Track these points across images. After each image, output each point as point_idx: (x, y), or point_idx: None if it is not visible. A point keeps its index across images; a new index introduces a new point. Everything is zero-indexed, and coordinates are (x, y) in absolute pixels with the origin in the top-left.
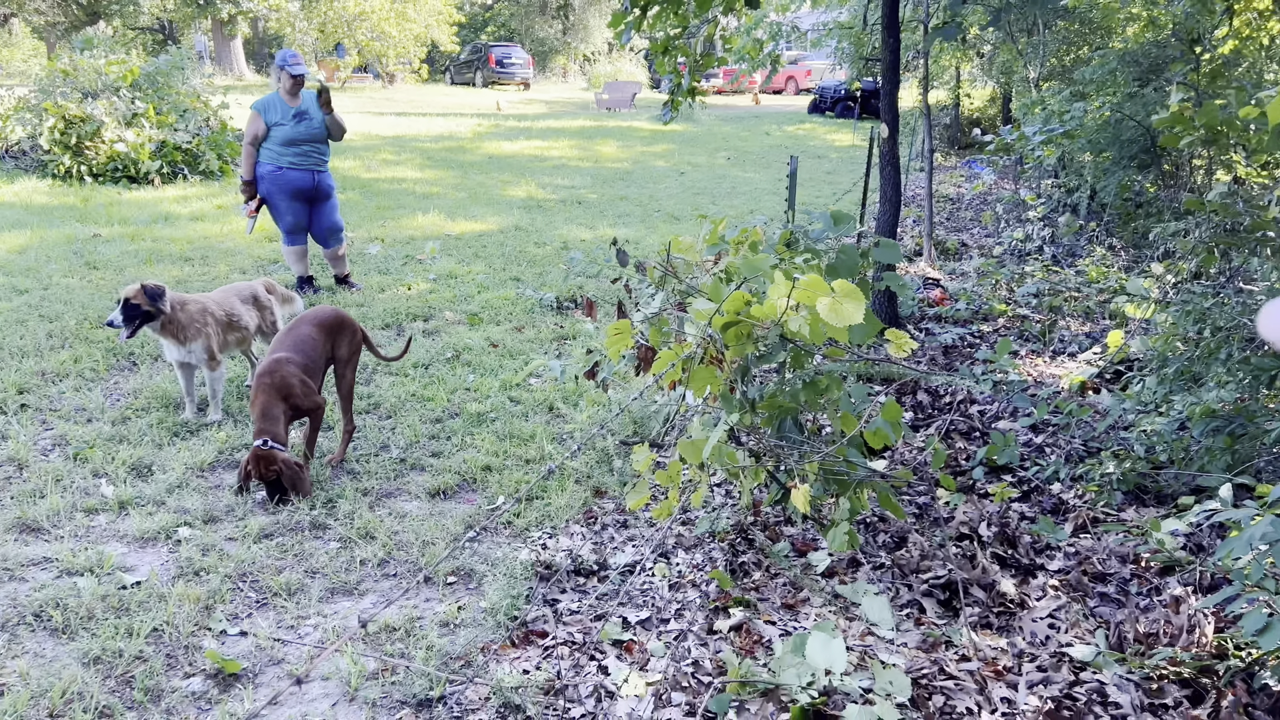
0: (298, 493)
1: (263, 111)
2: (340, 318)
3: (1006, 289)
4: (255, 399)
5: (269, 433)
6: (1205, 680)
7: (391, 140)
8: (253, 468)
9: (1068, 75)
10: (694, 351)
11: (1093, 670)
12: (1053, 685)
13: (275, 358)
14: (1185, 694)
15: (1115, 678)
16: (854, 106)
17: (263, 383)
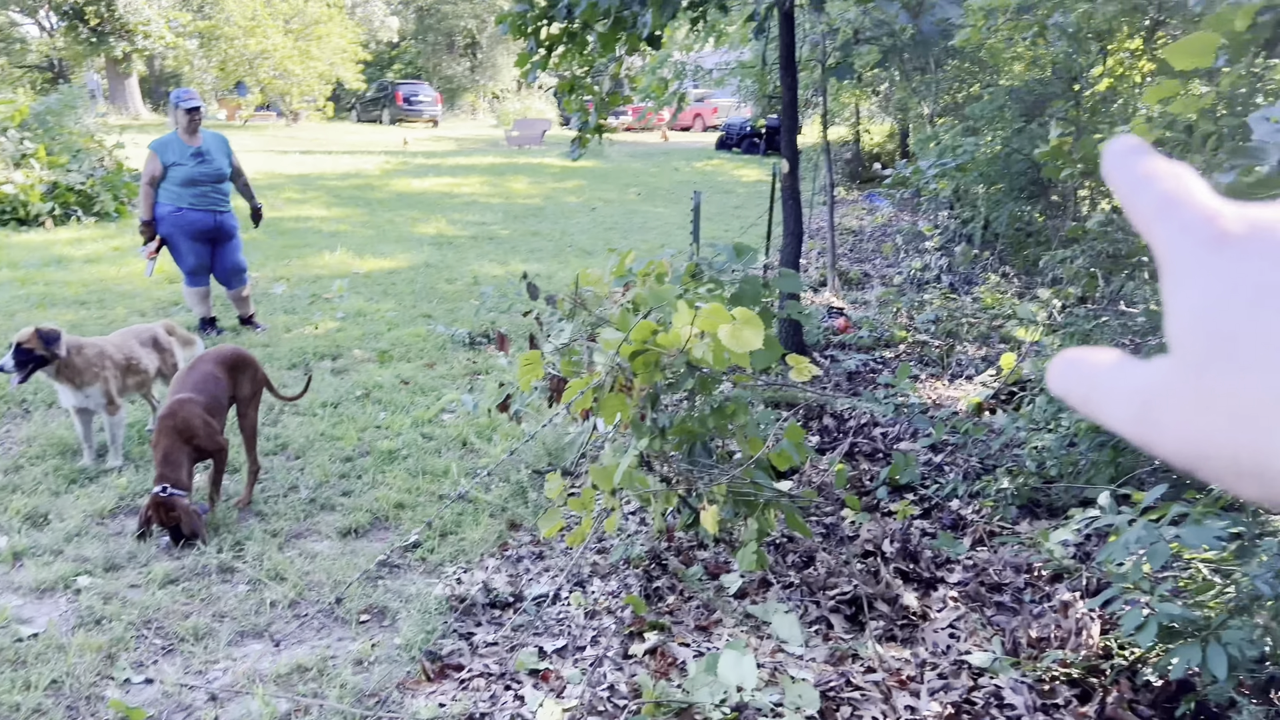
0: (198, 539)
1: (160, 151)
2: (241, 356)
3: (907, 316)
4: (157, 442)
5: (169, 479)
6: (1093, 679)
7: (296, 179)
8: (152, 514)
9: (960, 111)
10: (603, 380)
11: (990, 675)
12: (953, 691)
13: (177, 399)
14: (1075, 693)
15: (1010, 681)
16: (760, 143)
17: (165, 425)
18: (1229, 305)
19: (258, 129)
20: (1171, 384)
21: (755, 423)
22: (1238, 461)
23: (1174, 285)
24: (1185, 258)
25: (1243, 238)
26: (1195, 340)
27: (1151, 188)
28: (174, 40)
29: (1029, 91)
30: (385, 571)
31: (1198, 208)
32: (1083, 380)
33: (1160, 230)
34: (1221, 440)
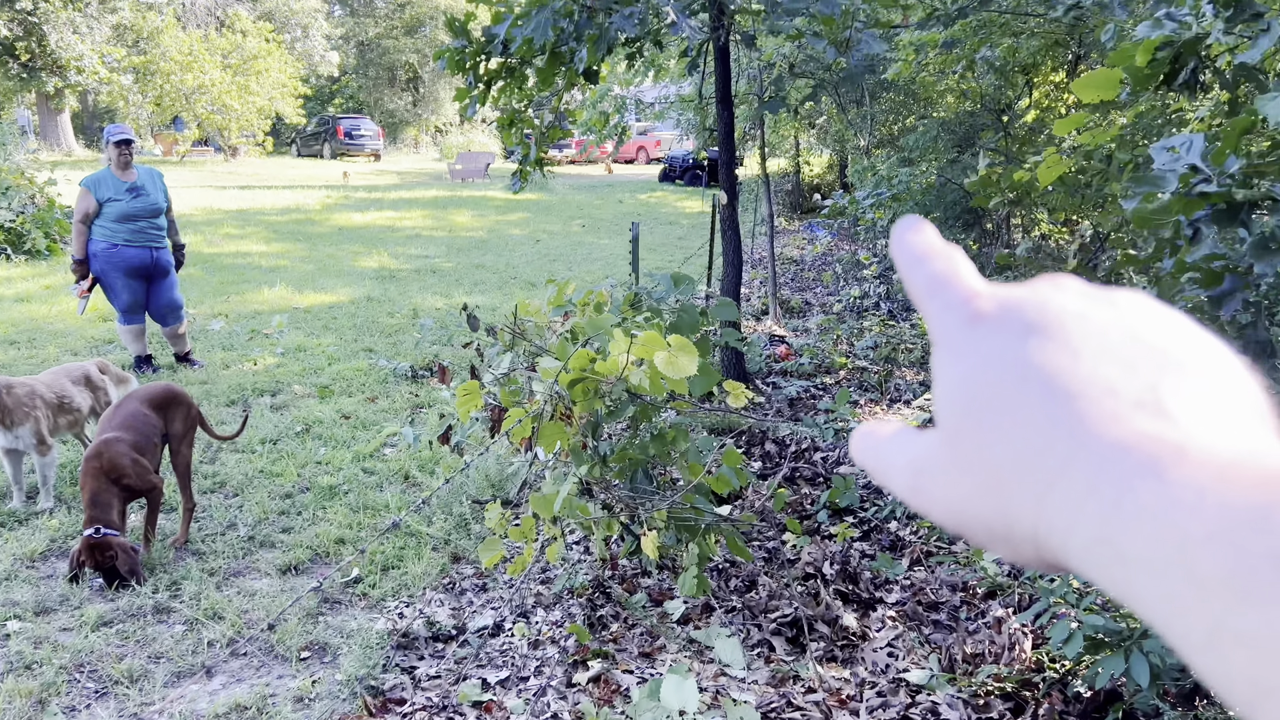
0: (134, 578)
1: (93, 188)
2: (172, 392)
3: (846, 343)
4: (85, 484)
5: (100, 520)
6: (1026, 693)
7: (235, 214)
8: (85, 558)
9: (895, 143)
10: (543, 409)
11: (927, 692)
12: (891, 709)
13: (103, 439)
14: (1008, 706)
15: (947, 697)
16: (702, 175)
17: (90, 466)
18: (978, 379)
19: (195, 164)
20: (935, 454)
21: (696, 449)
22: (989, 526)
23: (938, 360)
24: (948, 334)
25: (993, 316)
26: (952, 412)
27: (924, 268)
28: (108, 76)
29: (960, 123)
30: (326, 607)
31: (960, 288)
32: (871, 452)
33: (930, 307)
34: (975, 506)
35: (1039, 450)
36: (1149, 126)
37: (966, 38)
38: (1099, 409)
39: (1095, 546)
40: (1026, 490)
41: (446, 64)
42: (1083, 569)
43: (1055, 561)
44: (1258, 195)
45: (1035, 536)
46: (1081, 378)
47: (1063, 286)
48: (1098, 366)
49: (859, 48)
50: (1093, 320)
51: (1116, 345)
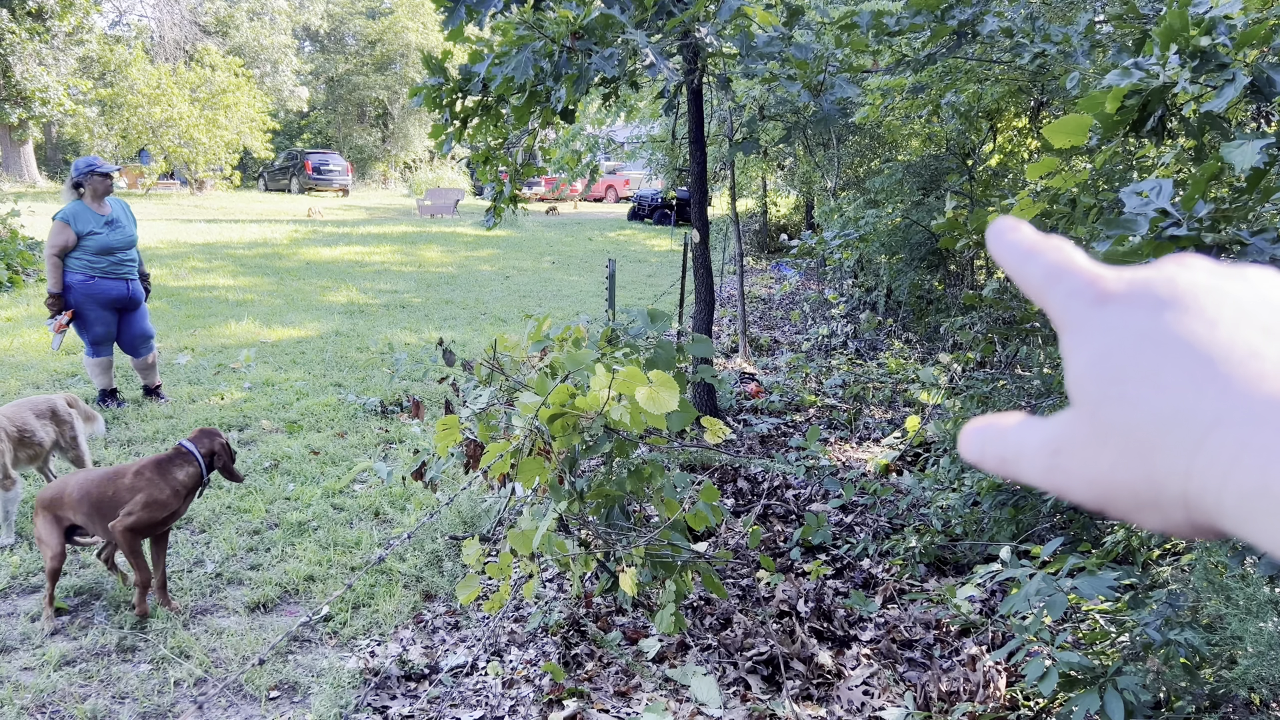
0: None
1: (71, 221)
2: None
3: (815, 381)
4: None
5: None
6: None
7: (201, 248)
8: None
9: (861, 185)
10: (522, 444)
11: None
12: None
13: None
14: None
15: None
16: (671, 214)
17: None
18: (1115, 352)
19: (161, 198)
20: (1074, 431)
21: (671, 485)
22: (1136, 494)
23: (1070, 343)
24: (1077, 318)
25: (1122, 295)
26: (1090, 387)
27: (1038, 261)
28: (73, 108)
29: (925, 166)
30: (295, 645)
31: (1081, 274)
32: (994, 444)
33: (1052, 298)
34: (1120, 475)
35: (1185, 412)
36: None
37: (933, 83)
38: (1245, 369)
39: (1253, 499)
40: (1174, 452)
41: (423, 100)
42: (1238, 524)
43: (1206, 522)
44: (1225, 239)
45: (1185, 498)
46: (1222, 343)
47: (1189, 264)
48: (1237, 332)
49: (832, 92)
50: (1225, 292)
51: (1253, 313)
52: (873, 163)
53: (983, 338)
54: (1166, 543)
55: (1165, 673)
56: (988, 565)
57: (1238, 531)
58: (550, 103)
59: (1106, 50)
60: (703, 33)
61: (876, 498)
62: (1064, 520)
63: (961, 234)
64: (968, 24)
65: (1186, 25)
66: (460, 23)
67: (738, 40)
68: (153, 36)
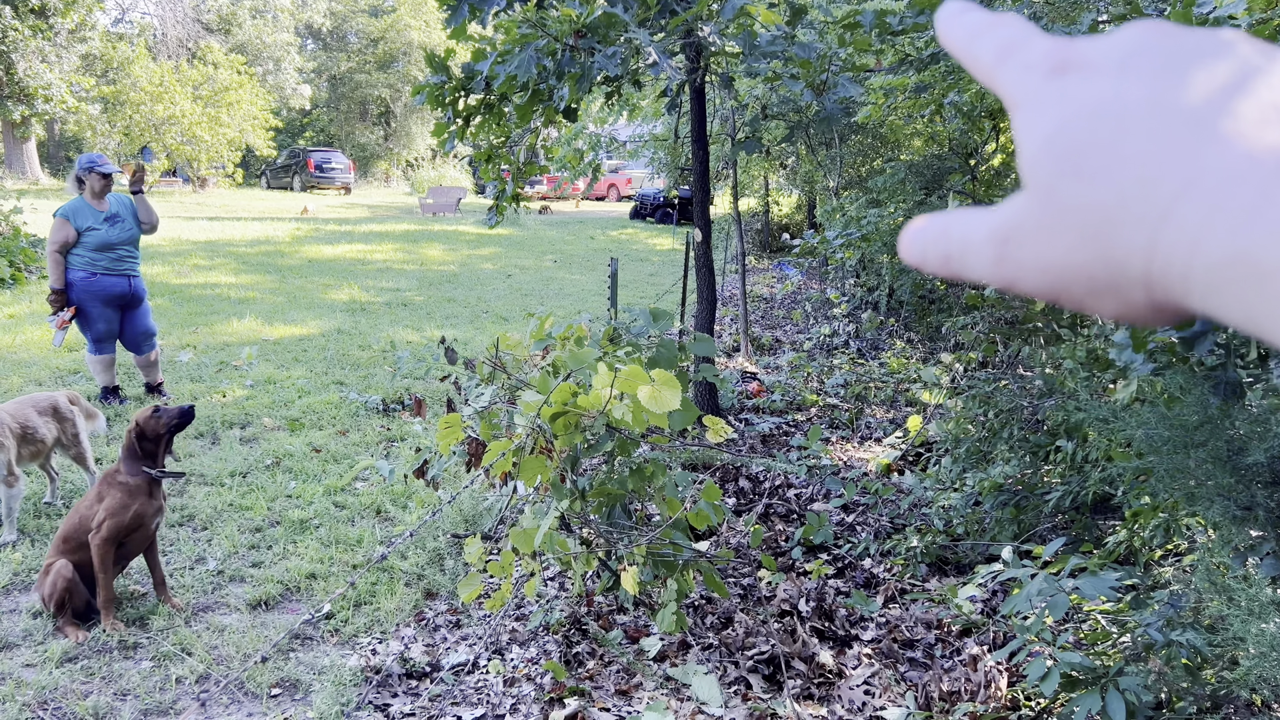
0: None
1: (71, 217)
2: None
3: (817, 381)
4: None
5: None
6: None
7: (204, 245)
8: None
9: (863, 184)
10: (524, 442)
11: None
12: None
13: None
14: None
15: None
16: (673, 213)
17: None
18: (1072, 124)
19: (164, 195)
20: (1026, 216)
21: (673, 484)
22: (1093, 278)
23: (1023, 120)
24: (1031, 91)
25: (1080, 63)
26: (1044, 166)
27: (990, 36)
28: (75, 105)
29: (928, 166)
30: (297, 643)
31: (1037, 44)
32: (936, 241)
33: (1004, 73)
34: (1076, 259)
35: (1150, 180)
36: None
37: (936, 83)
38: (1217, 129)
39: (1225, 268)
40: (1137, 225)
41: (426, 99)
42: (1207, 300)
43: (1171, 301)
44: None
45: (1148, 276)
46: (1190, 104)
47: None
48: (1207, 91)
49: (835, 91)
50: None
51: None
52: (875, 162)
53: (985, 338)
54: (1168, 543)
55: (1167, 673)
56: (989, 565)
57: (1204, 307)
58: (553, 101)
59: None
60: (705, 31)
61: (878, 497)
62: (1066, 520)
63: None
64: None
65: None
66: (463, 21)
67: (741, 39)
68: (155, 34)
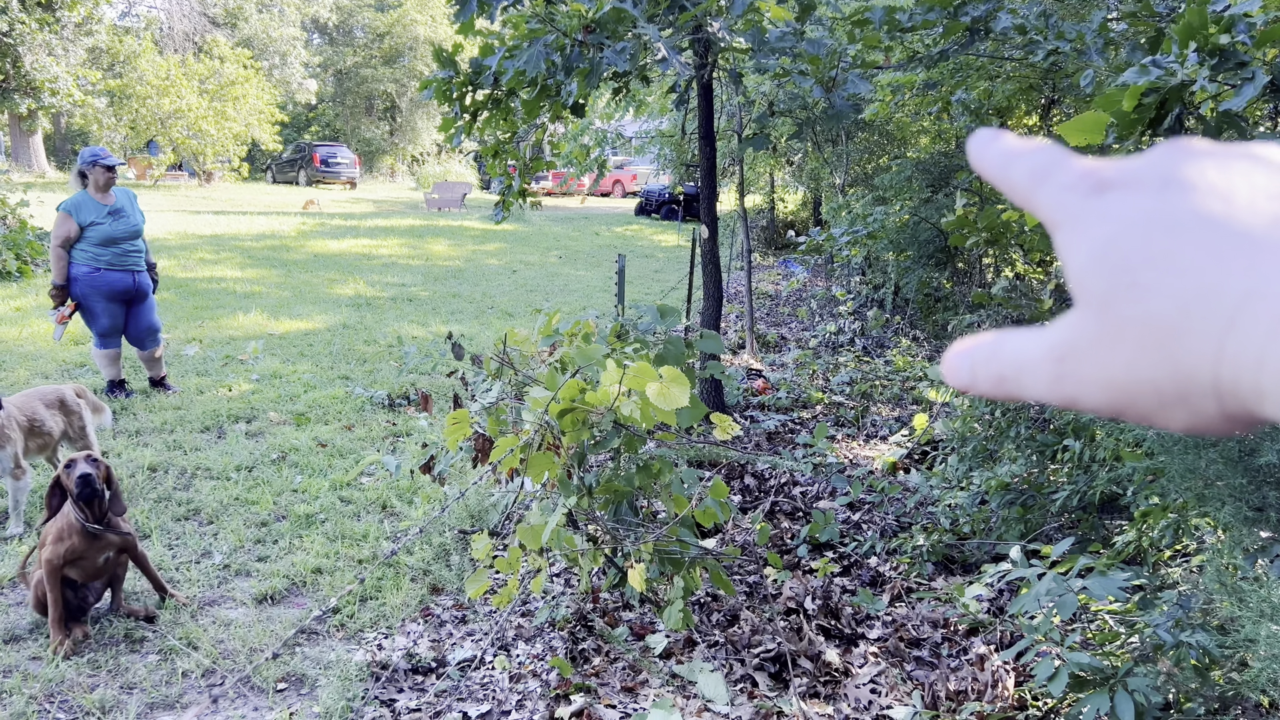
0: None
1: (74, 212)
2: None
3: (822, 378)
4: None
5: None
6: None
7: (209, 239)
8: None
9: (870, 181)
10: (531, 439)
11: None
12: None
13: None
14: None
15: None
16: (678, 209)
17: None
18: (1122, 239)
19: (169, 189)
20: (1081, 332)
21: (680, 481)
22: (1159, 390)
23: (1068, 239)
24: (1073, 211)
25: (1121, 181)
26: (1096, 281)
27: (1024, 161)
28: (82, 99)
29: (935, 163)
30: (303, 638)
31: (1073, 166)
32: (988, 363)
33: (1042, 195)
34: (1140, 372)
35: (1211, 291)
36: None
37: (944, 80)
38: (1270, 239)
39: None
40: (1201, 336)
41: (433, 93)
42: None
43: (1244, 409)
44: None
45: (1217, 385)
46: (1242, 214)
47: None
48: (1255, 202)
49: (844, 88)
50: (1231, 166)
51: (1265, 184)
52: (881, 159)
53: None
54: (1177, 543)
55: (1176, 674)
56: (996, 564)
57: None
58: (560, 97)
59: (1120, 48)
60: (715, 27)
61: (884, 495)
62: (1073, 520)
63: (971, 231)
64: (981, 21)
65: (1206, 23)
66: (471, 16)
67: (750, 35)
68: (162, 28)
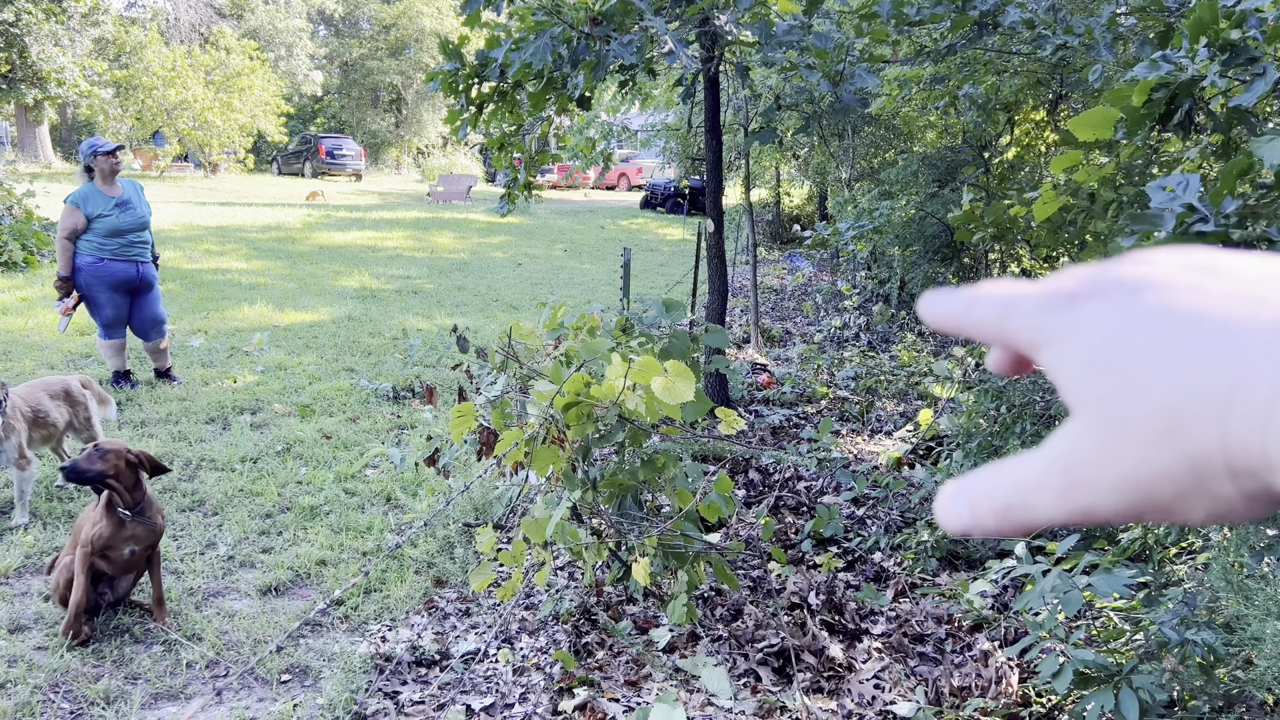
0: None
1: (81, 204)
2: None
3: (827, 373)
4: None
5: None
6: None
7: (215, 230)
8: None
9: (876, 176)
10: (536, 432)
11: None
12: None
13: None
14: None
15: None
16: (683, 203)
17: None
18: (1106, 345)
19: (175, 180)
20: (1084, 439)
21: (684, 475)
22: (1175, 480)
23: (1053, 355)
24: (1051, 330)
25: (1088, 291)
26: (1089, 388)
27: (984, 304)
28: (88, 89)
29: (941, 158)
30: (307, 629)
31: (1033, 292)
32: (987, 497)
33: (1014, 326)
34: (1151, 466)
35: (1205, 376)
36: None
37: (952, 74)
38: (1257, 317)
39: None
40: (1204, 421)
41: (440, 85)
42: None
43: (1261, 486)
44: (1254, 236)
45: (1230, 464)
46: (1218, 302)
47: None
48: (1229, 289)
49: (851, 81)
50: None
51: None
52: (888, 154)
53: None
54: (1182, 541)
55: (1181, 672)
56: (1001, 561)
57: None
58: (566, 89)
59: (1129, 43)
60: (722, 20)
61: (889, 491)
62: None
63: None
64: (989, 15)
65: (1217, 18)
66: (477, 8)
67: (757, 28)
68: (168, 19)
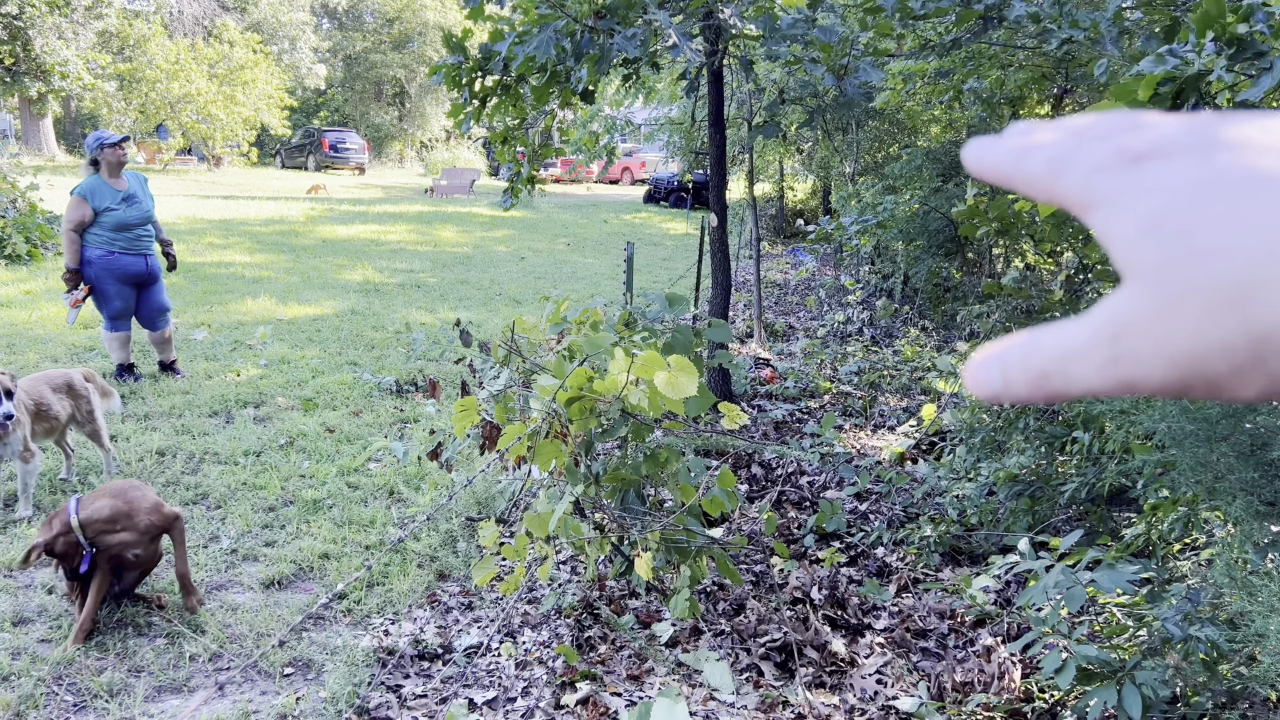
0: None
1: (88, 196)
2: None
3: (830, 368)
4: None
5: None
6: None
7: (218, 224)
8: None
9: (879, 170)
10: (539, 427)
11: None
12: None
13: None
14: None
15: None
16: (686, 197)
17: None
18: (1174, 207)
19: (179, 173)
20: (1136, 308)
21: (687, 470)
22: (1232, 352)
23: (1106, 217)
24: (1108, 190)
25: (1157, 151)
26: (1149, 252)
27: (1040, 153)
28: (92, 82)
29: (945, 153)
30: (310, 623)
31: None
32: (1023, 361)
33: (1067, 182)
34: (1208, 338)
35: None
36: None
37: (956, 68)
38: None
39: None
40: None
41: (443, 79)
42: None
43: None
44: None
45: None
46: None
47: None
48: None
49: (856, 75)
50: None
51: None
52: (892, 148)
53: (1001, 326)
54: (1186, 537)
55: (1184, 668)
56: (1004, 556)
57: None
58: (570, 83)
59: (1135, 38)
60: (726, 14)
61: (891, 486)
62: (1081, 512)
63: (981, 221)
64: (994, 8)
65: (1224, 12)
66: (481, 1)
67: (761, 22)
68: (171, 12)
